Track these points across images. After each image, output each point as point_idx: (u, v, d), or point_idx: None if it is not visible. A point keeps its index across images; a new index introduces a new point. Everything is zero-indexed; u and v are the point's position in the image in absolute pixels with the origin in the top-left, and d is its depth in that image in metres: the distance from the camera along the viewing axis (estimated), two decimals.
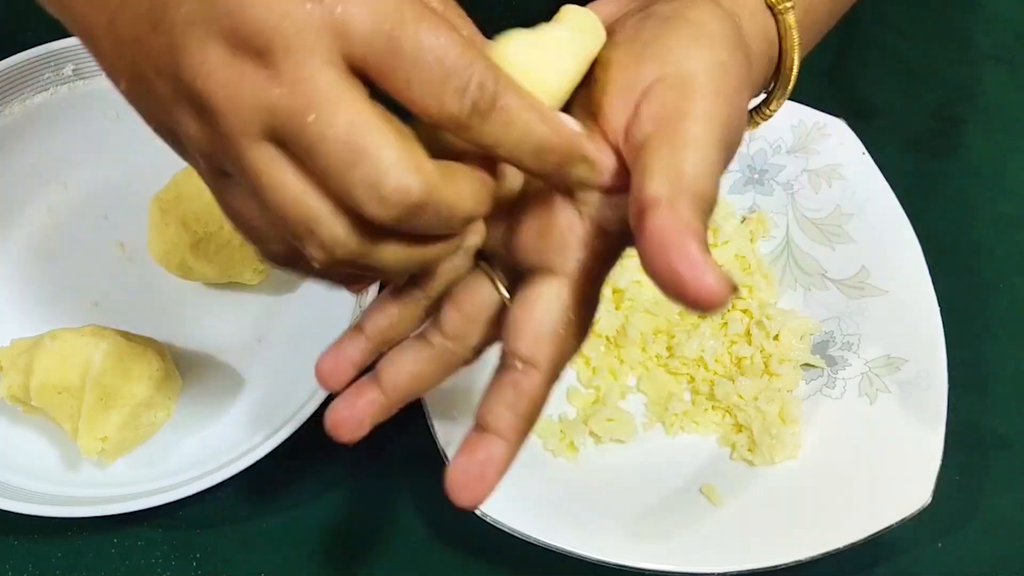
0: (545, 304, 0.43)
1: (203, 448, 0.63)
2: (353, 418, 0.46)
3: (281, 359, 0.66)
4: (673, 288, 0.37)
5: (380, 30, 0.35)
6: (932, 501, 0.58)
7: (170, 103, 0.37)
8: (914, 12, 0.81)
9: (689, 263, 0.36)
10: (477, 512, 0.57)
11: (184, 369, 0.66)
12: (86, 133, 0.71)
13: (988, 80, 0.79)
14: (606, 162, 0.40)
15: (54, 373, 0.60)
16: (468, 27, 0.41)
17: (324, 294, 0.62)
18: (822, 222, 0.69)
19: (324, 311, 0.64)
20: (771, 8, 0.47)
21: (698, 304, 0.36)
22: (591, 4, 0.47)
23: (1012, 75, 0.79)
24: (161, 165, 0.55)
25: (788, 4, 0.47)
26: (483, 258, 0.46)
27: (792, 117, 0.70)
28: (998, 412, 0.68)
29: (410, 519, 0.64)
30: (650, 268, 0.37)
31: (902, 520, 0.58)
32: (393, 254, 0.39)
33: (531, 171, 0.39)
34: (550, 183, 0.41)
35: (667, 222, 0.37)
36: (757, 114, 0.52)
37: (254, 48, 0.34)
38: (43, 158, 0.71)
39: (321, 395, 0.60)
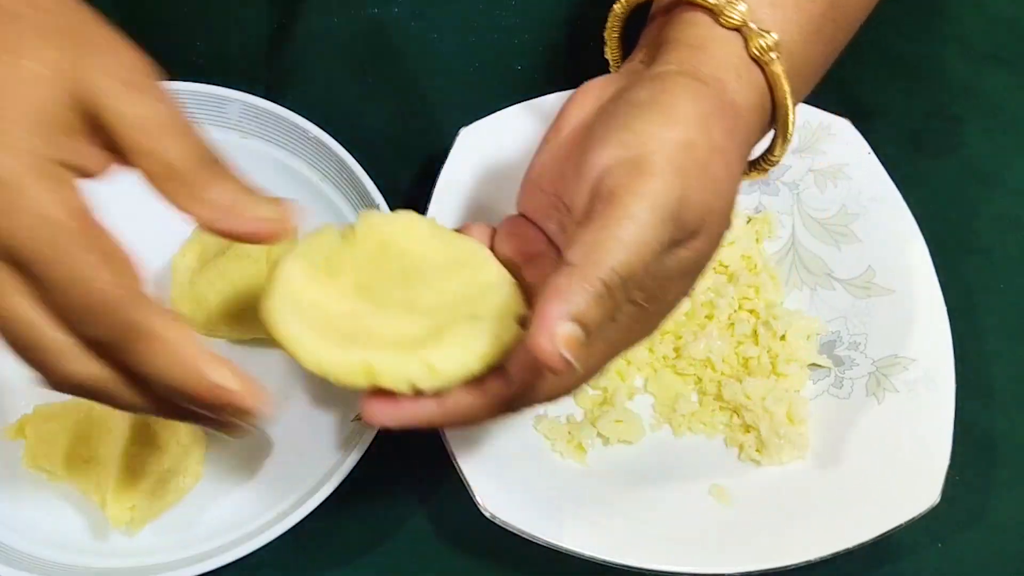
0: None
1: (232, 511, 0.62)
2: None
3: (309, 417, 0.65)
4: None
5: (36, 257, 0.39)
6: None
7: None
8: (914, 11, 0.81)
9: (536, 335, 0.41)
10: (485, 513, 0.57)
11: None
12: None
13: (988, 80, 0.79)
14: (263, 411, 0.43)
15: (81, 442, 0.59)
16: None
17: None
18: (828, 222, 0.69)
19: None
20: (756, 62, 0.49)
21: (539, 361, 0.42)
22: (589, 83, 0.51)
23: (1012, 75, 0.79)
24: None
25: (772, 55, 0.49)
26: None
27: (797, 117, 0.69)
28: (1001, 413, 0.68)
29: (416, 519, 0.64)
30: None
31: (911, 520, 0.58)
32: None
33: (186, 407, 0.43)
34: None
35: (550, 288, 0.42)
36: (764, 161, 0.55)
37: None
38: None
39: (352, 459, 0.59)
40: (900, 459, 0.61)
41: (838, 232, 0.68)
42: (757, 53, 0.49)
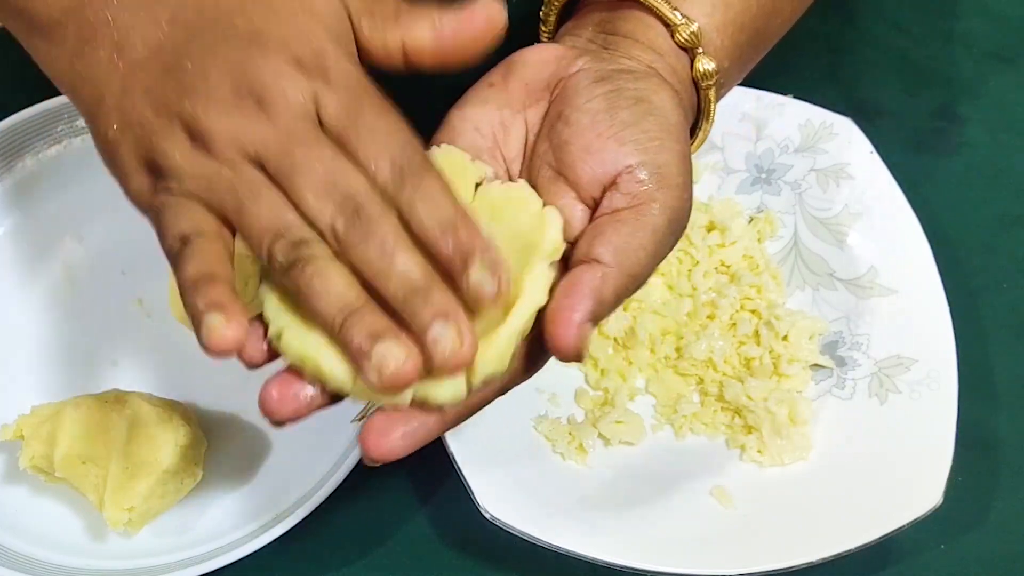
0: None
1: (231, 513, 0.62)
2: None
3: (308, 418, 0.65)
4: (546, 335, 0.44)
5: (348, 111, 0.44)
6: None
7: (160, 136, 0.44)
8: (917, 10, 0.80)
9: (564, 327, 0.44)
10: (485, 514, 0.57)
11: (208, 429, 0.64)
12: (100, 186, 0.68)
13: (991, 79, 0.79)
14: (499, 270, 0.42)
15: (79, 443, 0.59)
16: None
17: None
18: (830, 221, 0.69)
19: None
20: (695, 81, 0.53)
21: (554, 351, 0.44)
22: (537, 45, 0.53)
23: (1015, 73, 0.79)
24: None
25: (710, 81, 0.53)
26: None
27: (799, 116, 0.69)
28: (1005, 414, 0.68)
29: (416, 520, 0.64)
30: (549, 305, 0.45)
31: (913, 521, 0.58)
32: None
33: (436, 251, 0.42)
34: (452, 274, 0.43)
35: (585, 284, 0.45)
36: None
37: (255, 98, 0.43)
38: (58, 212, 0.69)
39: (351, 461, 0.59)
40: (902, 460, 0.61)
41: (840, 232, 0.68)
42: (697, 77, 0.53)
